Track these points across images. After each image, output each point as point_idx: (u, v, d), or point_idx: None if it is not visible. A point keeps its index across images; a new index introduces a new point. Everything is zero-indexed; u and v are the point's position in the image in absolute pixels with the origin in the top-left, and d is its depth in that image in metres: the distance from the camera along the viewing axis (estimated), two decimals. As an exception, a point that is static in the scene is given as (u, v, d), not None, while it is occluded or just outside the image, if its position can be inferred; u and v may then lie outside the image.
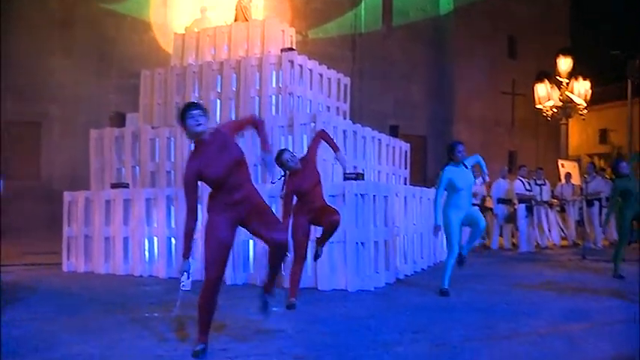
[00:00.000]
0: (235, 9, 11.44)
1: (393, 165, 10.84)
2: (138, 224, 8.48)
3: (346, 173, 7.45)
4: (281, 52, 9.60)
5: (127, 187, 8.99)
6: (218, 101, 9.77)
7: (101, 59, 16.08)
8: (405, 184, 10.58)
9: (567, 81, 15.37)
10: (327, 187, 6.62)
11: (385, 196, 7.61)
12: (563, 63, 15.58)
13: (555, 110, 15.51)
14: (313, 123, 8.17)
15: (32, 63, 15.24)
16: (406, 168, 11.52)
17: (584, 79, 15.33)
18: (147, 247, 8.49)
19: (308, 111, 9.37)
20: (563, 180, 14.29)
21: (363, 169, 8.91)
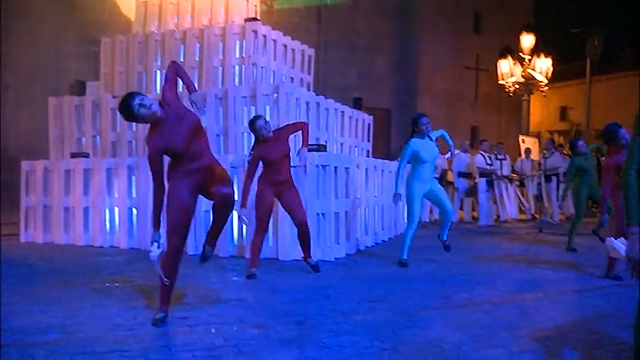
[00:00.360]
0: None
1: (356, 137, 10.88)
2: (98, 194, 8.40)
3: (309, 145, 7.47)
4: (245, 22, 9.49)
5: (88, 157, 8.87)
6: (181, 71, 9.61)
7: (59, 25, 15.62)
8: (368, 157, 10.65)
9: (530, 58, 15.56)
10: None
11: (346, 168, 7.66)
12: (525, 40, 15.75)
13: (517, 86, 15.71)
14: (276, 94, 8.15)
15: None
16: (369, 140, 11.58)
17: (545, 57, 15.54)
18: (108, 218, 8.42)
19: (271, 82, 9.32)
20: (523, 155, 14.58)
21: (326, 141, 8.94)
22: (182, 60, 9.68)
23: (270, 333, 3.95)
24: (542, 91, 15.67)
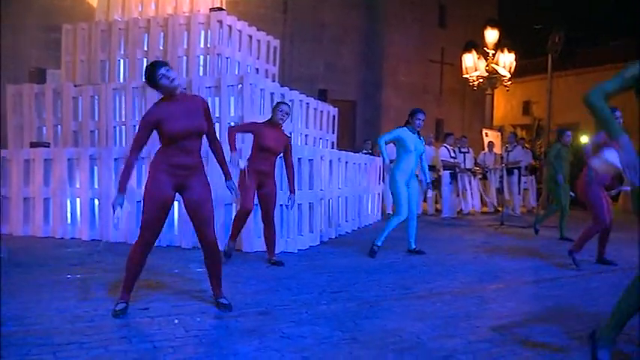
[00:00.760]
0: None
1: (321, 129, 10.91)
2: (59, 185, 8.26)
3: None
4: (210, 12, 9.42)
5: (48, 147, 8.71)
6: (145, 60, 9.49)
7: (19, 10, 15.25)
8: (333, 149, 10.69)
9: (494, 52, 15.75)
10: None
11: (310, 160, 7.69)
12: (489, 35, 15.93)
13: (481, 80, 15.89)
14: (240, 85, 8.12)
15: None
16: (334, 132, 11.62)
17: (509, 52, 15.72)
18: (69, 209, 8.30)
19: (236, 72, 9.29)
20: (486, 149, 14.79)
21: (290, 133, 8.96)
22: (146, 49, 9.58)
23: (231, 323, 3.96)
24: (505, 86, 15.85)
